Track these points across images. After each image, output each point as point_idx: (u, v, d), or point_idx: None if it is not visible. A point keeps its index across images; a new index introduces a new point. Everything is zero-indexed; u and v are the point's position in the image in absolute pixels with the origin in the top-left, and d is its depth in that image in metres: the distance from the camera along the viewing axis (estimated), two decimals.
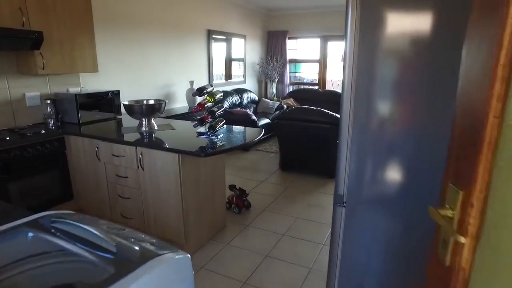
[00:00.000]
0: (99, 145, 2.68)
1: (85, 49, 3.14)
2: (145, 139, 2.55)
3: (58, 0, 2.87)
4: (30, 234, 0.97)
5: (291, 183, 4.03)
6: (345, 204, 1.65)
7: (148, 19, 4.24)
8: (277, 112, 4.22)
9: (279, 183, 4.03)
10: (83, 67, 3.17)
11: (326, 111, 3.98)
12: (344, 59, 1.53)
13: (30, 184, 2.66)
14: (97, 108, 3.29)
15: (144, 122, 2.82)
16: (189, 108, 4.78)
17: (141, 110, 2.72)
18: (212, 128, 2.42)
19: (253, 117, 5.24)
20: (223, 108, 2.55)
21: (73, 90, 3.40)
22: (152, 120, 2.87)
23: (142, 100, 2.96)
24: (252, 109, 6.28)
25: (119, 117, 3.52)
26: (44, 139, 2.70)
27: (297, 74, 8.06)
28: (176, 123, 3.14)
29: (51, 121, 3.06)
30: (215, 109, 2.46)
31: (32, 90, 3.09)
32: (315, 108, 4.03)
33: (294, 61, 7.68)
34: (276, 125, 4.20)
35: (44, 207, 2.77)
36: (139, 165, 2.48)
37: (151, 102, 2.97)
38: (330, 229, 2.98)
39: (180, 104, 5.02)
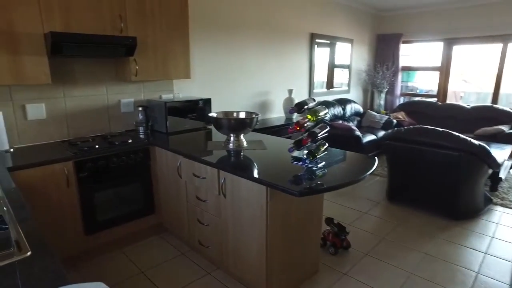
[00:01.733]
0: (181, 161, 2.41)
1: (178, 54, 2.95)
2: (231, 160, 2.16)
3: (156, 5, 2.72)
4: None
5: (402, 220, 3.24)
6: None
7: (246, 24, 3.94)
8: (390, 130, 3.48)
9: (386, 219, 3.27)
10: (176, 73, 2.98)
11: (457, 134, 3.08)
12: None
13: (114, 194, 2.53)
14: (187, 116, 3.08)
15: (232, 138, 2.46)
16: (286, 119, 4.35)
17: (229, 124, 2.35)
18: (312, 155, 1.90)
19: (357, 132, 4.53)
20: (326, 129, 2.00)
21: (166, 97, 3.26)
22: (242, 136, 2.48)
23: (232, 113, 2.61)
24: (355, 122, 5.55)
25: (209, 127, 3.26)
26: (129, 149, 2.55)
27: (409, 84, 6.98)
28: (268, 139, 2.71)
29: (141, 128, 2.94)
30: (316, 130, 1.94)
31: (127, 96, 3.03)
32: (441, 129, 3.16)
33: (407, 69, 6.63)
34: (388, 146, 3.45)
35: (126, 219, 2.62)
36: (221, 191, 2.11)
37: (242, 115, 2.59)
38: None
39: (276, 114, 4.62)
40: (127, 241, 2.74)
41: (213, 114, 2.52)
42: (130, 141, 2.60)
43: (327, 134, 2.01)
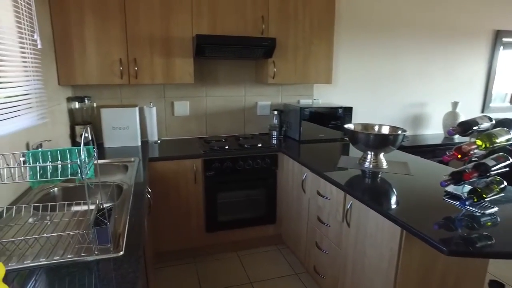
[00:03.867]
0: (306, 174, 2.17)
1: (320, 57, 2.71)
2: (363, 182, 1.79)
3: (300, 4, 2.56)
4: None
5: None
6: None
7: (403, 22, 3.35)
8: None
9: None
10: (316, 78, 2.75)
11: None
12: None
13: (236, 197, 2.51)
14: (325, 125, 2.81)
15: (369, 156, 2.06)
16: (444, 138, 3.55)
17: (367, 140, 1.97)
18: (477, 195, 1.35)
19: None
20: (507, 162, 1.40)
21: (304, 102, 3.08)
22: (381, 155, 2.06)
23: (372, 126, 2.20)
24: None
25: (347, 139, 2.91)
26: (257, 154, 2.47)
27: None
28: (416, 162, 2.18)
29: (274, 133, 2.85)
30: (489, 162, 1.37)
31: (264, 99, 2.99)
32: None
33: None
34: None
35: (246, 224, 2.57)
36: (345, 218, 1.77)
37: (384, 130, 2.16)
38: None
39: (433, 130, 3.84)
40: (243, 245, 2.69)
41: (349, 125, 2.18)
42: (259, 145, 2.53)
43: (507, 169, 1.41)
